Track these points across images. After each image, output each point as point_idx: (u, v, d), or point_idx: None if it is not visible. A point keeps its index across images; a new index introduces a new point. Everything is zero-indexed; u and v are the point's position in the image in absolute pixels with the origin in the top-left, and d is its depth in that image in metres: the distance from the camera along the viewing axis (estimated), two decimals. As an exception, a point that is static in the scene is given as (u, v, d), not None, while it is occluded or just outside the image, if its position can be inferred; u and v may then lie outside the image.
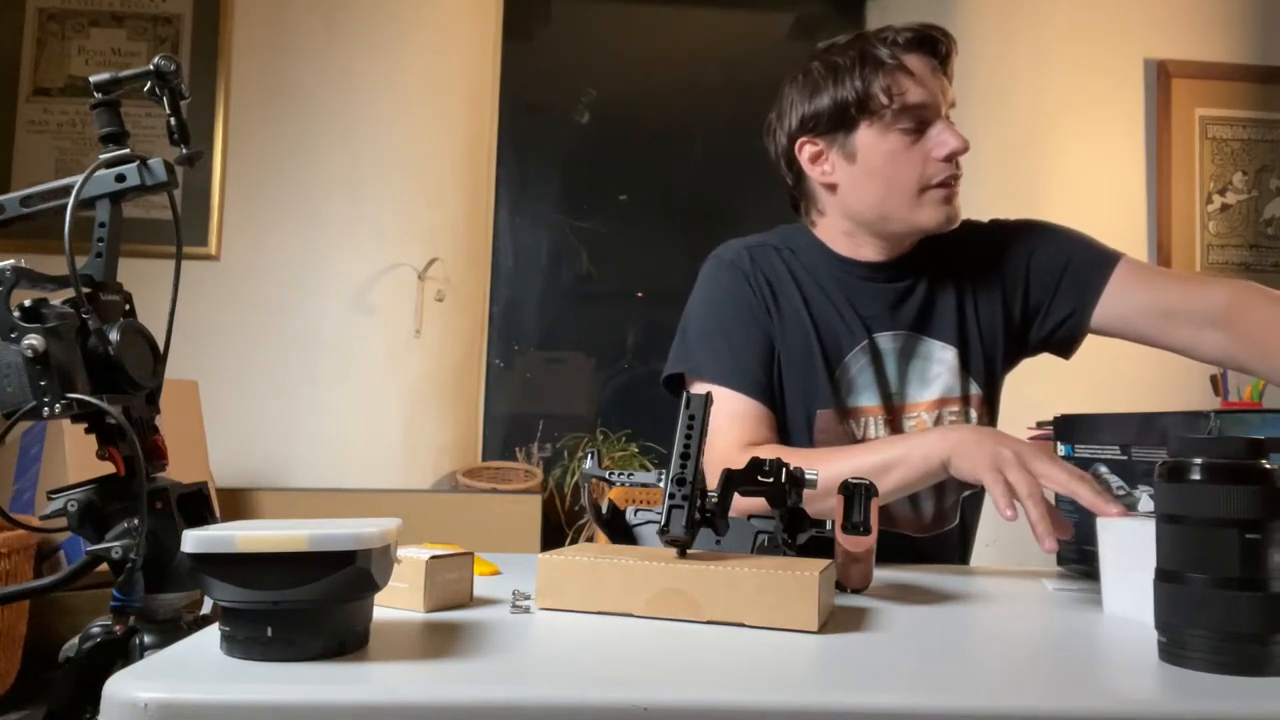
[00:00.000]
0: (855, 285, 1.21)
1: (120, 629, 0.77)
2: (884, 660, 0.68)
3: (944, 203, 1.15)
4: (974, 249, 1.25)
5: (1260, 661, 0.62)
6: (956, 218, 1.17)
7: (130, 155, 0.82)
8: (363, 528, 0.63)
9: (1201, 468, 0.64)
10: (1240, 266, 2.90)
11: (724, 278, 1.21)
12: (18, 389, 0.73)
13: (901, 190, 1.14)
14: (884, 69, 1.12)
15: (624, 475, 0.91)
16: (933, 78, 1.13)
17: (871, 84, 1.12)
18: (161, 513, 0.79)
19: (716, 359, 1.17)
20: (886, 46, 1.12)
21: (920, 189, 1.14)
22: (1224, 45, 2.93)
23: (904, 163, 1.13)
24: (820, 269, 1.22)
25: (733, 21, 3.16)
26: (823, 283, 1.21)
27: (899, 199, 1.15)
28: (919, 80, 1.12)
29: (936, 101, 1.13)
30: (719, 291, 1.21)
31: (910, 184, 1.14)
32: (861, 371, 1.19)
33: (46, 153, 2.69)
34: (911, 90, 1.12)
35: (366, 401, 2.68)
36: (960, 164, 1.15)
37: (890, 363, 1.21)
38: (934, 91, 1.13)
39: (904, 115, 1.12)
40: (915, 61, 1.12)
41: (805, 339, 1.18)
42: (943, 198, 1.14)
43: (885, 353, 1.20)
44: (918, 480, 1.04)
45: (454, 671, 0.62)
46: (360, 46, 2.74)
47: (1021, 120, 2.85)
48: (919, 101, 1.12)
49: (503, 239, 3.04)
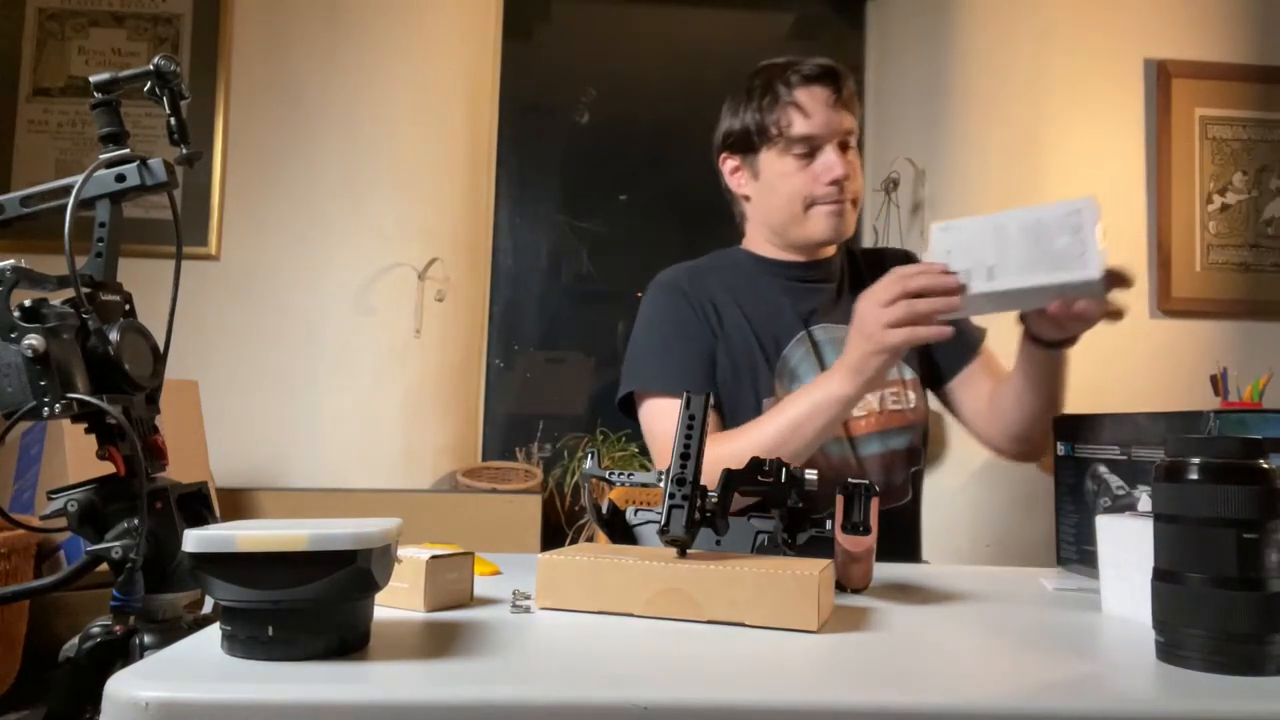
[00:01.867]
0: (790, 286, 1.36)
1: (120, 629, 0.77)
2: (884, 660, 0.68)
3: (829, 217, 1.30)
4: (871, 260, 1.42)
5: (1257, 661, 0.62)
6: (844, 231, 1.32)
7: (130, 155, 0.82)
8: (363, 527, 0.63)
9: (1199, 467, 0.65)
10: (1240, 266, 2.90)
11: (664, 301, 1.35)
12: (18, 389, 0.73)
13: (793, 206, 1.31)
14: (779, 103, 1.28)
15: (624, 475, 0.91)
16: (824, 109, 1.27)
17: (767, 116, 1.29)
18: (161, 513, 0.79)
19: (663, 374, 1.30)
20: (784, 82, 1.28)
21: (808, 205, 1.30)
22: (1224, 45, 2.93)
23: (794, 183, 1.30)
24: (755, 277, 1.37)
25: (733, 21, 3.16)
26: (759, 288, 1.35)
27: (792, 213, 1.31)
28: (808, 113, 1.27)
29: (826, 131, 1.28)
30: (660, 314, 1.35)
31: (798, 202, 1.30)
32: (802, 360, 1.30)
33: (46, 153, 2.69)
34: (798, 122, 1.28)
35: (366, 401, 2.68)
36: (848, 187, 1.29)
37: (829, 351, 1.32)
38: (823, 123, 1.28)
39: (794, 143, 1.28)
40: (808, 95, 1.28)
41: (746, 341, 1.31)
42: (828, 213, 1.30)
43: (823, 342, 1.33)
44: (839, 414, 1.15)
45: (454, 671, 0.62)
46: (360, 46, 2.74)
47: (1021, 120, 2.85)
48: (805, 133, 1.27)
49: (503, 239, 3.04)
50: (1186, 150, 2.90)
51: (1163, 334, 2.86)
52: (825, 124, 1.27)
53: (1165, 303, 2.85)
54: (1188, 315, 2.87)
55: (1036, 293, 1.01)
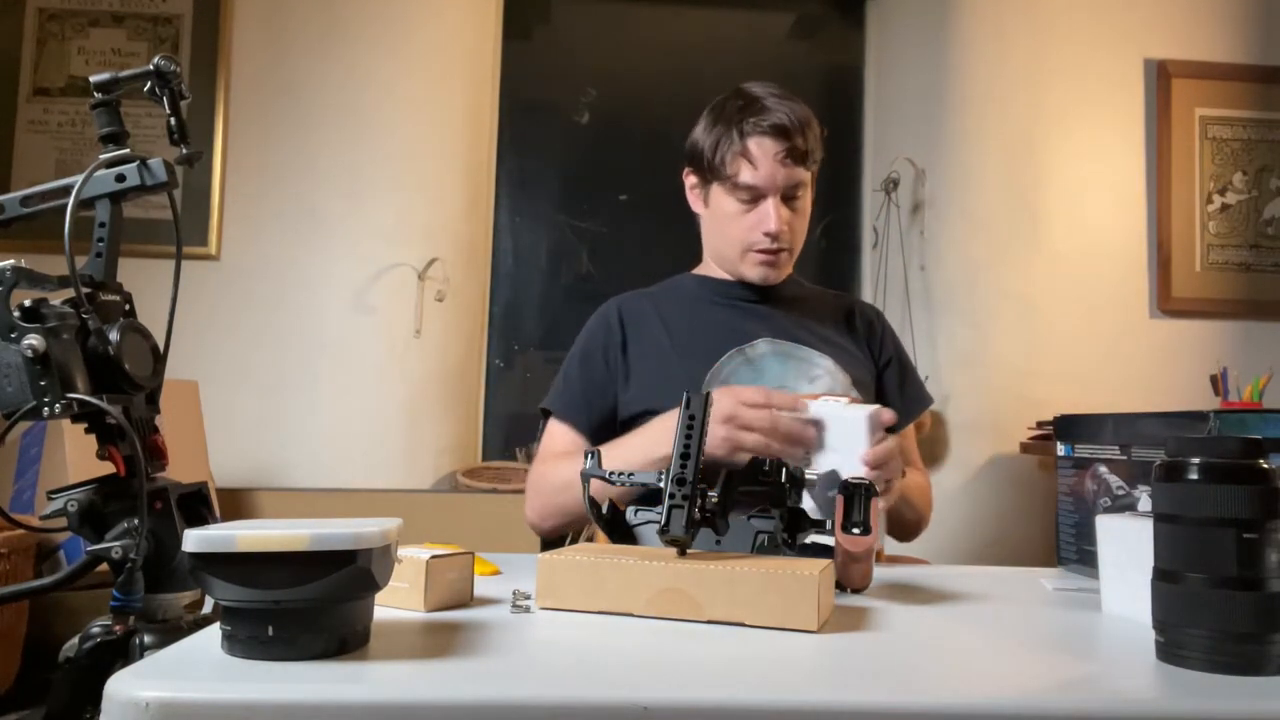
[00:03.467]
0: (734, 305, 1.38)
1: (120, 629, 0.77)
2: (884, 660, 0.68)
3: (761, 265, 1.33)
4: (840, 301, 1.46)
5: (1257, 661, 0.62)
6: (774, 279, 1.35)
7: (130, 155, 0.82)
8: (363, 527, 0.63)
9: (1198, 467, 0.65)
10: (1240, 266, 2.90)
11: (589, 328, 1.41)
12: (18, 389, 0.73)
13: (731, 245, 1.34)
14: (732, 146, 1.29)
15: (624, 475, 0.91)
16: (771, 163, 1.28)
17: (720, 155, 1.31)
18: (161, 513, 0.79)
19: (557, 394, 1.38)
20: (740, 126, 1.29)
21: (744, 250, 1.33)
22: (1224, 45, 2.93)
23: (735, 225, 1.32)
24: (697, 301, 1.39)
25: (733, 21, 3.16)
26: (697, 311, 1.38)
27: (729, 251, 1.35)
28: (756, 163, 1.28)
29: (770, 184, 1.28)
30: (580, 340, 1.41)
31: (737, 243, 1.33)
32: (734, 373, 1.30)
33: (46, 153, 2.69)
34: (744, 171, 1.29)
35: (366, 401, 2.68)
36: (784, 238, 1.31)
37: (770, 362, 1.31)
38: (768, 176, 1.28)
39: (739, 189, 1.30)
40: (758, 146, 1.28)
41: (667, 363, 1.32)
42: (760, 261, 1.33)
43: (763, 355, 1.31)
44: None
45: (454, 671, 0.62)
46: (360, 46, 2.74)
47: (1021, 120, 2.85)
48: (750, 183, 1.29)
49: (503, 239, 3.04)
50: (1186, 150, 2.90)
51: (1163, 334, 2.86)
52: (769, 178, 1.28)
53: (1165, 303, 2.85)
54: (1188, 315, 2.87)
55: None
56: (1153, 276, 2.87)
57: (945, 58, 2.89)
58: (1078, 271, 2.83)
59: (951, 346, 2.83)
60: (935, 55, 2.91)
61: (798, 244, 1.35)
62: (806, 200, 1.35)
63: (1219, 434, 0.87)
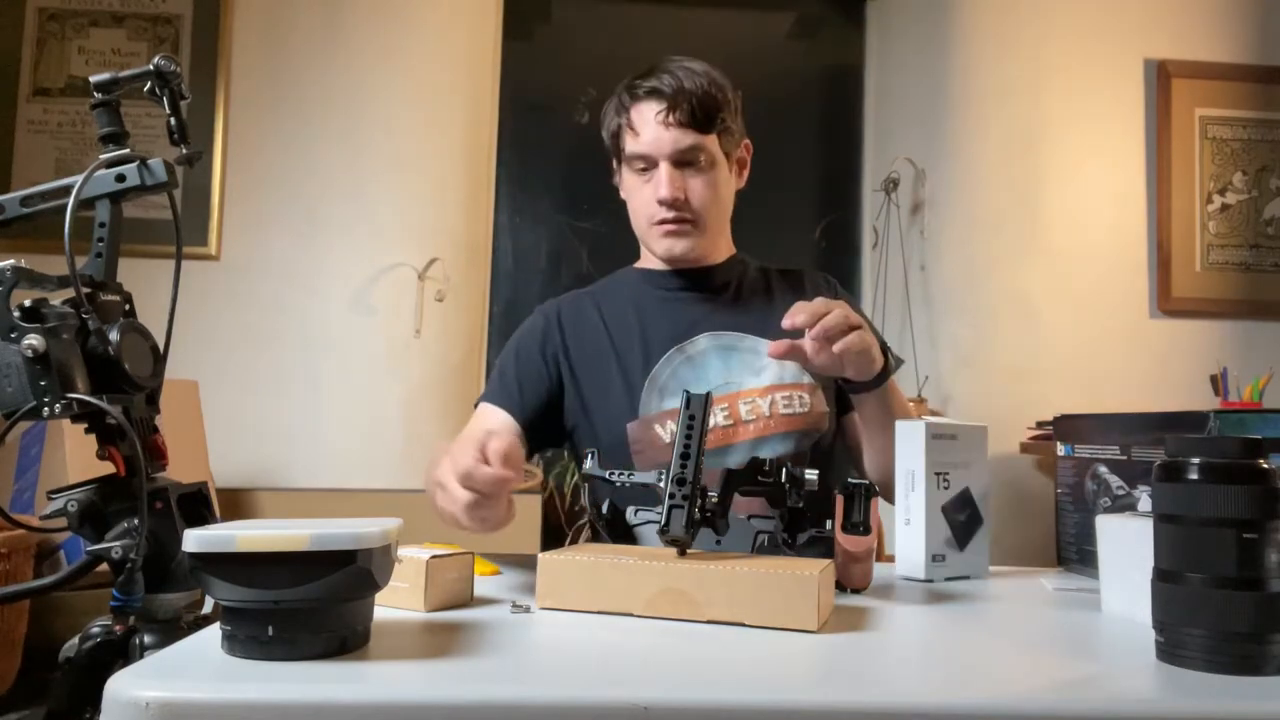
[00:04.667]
0: (670, 297, 1.31)
1: (120, 629, 0.77)
2: (884, 660, 0.68)
3: (663, 237, 1.25)
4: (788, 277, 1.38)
5: (1257, 661, 0.62)
6: (679, 252, 1.27)
7: (130, 155, 0.82)
8: (363, 527, 0.63)
9: (1198, 467, 0.65)
10: (1240, 266, 2.90)
11: (527, 325, 1.35)
12: (18, 389, 0.73)
13: (639, 220, 1.28)
14: (621, 116, 1.25)
15: (624, 475, 0.91)
16: (658, 127, 1.21)
17: (613, 127, 1.26)
18: (161, 513, 0.79)
19: (491, 386, 1.31)
20: (623, 96, 1.24)
21: (648, 224, 1.26)
22: (1224, 45, 2.93)
23: (637, 198, 1.27)
24: (637, 295, 1.33)
25: (733, 21, 3.16)
26: (637, 307, 1.31)
27: (639, 227, 1.29)
28: (639, 129, 1.22)
29: (655, 148, 1.21)
30: (518, 336, 1.35)
31: (642, 217, 1.27)
32: (672, 376, 1.24)
33: (46, 153, 2.69)
34: (629, 139, 1.23)
35: (366, 401, 2.68)
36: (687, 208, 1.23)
37: (712, 358, 1.26)
38: (655, 140, 1.21)
39: (633, 159, 1.24)
40: (642, 111, 1.22)
41: (606, 366, 1.27)
42: (662, 233, 1.25)
43: (704, 351, 1.26)
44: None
45: (454, 671, 0.62)
46: (360, 47, 2.74)
47: (1021, 120, 2.85)
48: (636, 151, 1.23)
49: (503, 239, 3.04)
50: (1186, 150, 2.90)
51: (1163, 334, 2.86)
52: (654, 142, 1.20)
53: (1165, 303, 2.85)
54: (1188, 315, 2.87)
55: None
56: (1153, 276, 2.87)
57: (945, 58, 2.89)
58: (1078, 271, 2.83)
59: (951, 346, 2.83)
60: (935, 55, 2.91)
61: (705, 214, 1.25)
62: (717, 171, 1.24)
63: (1219, 434, 0.87)
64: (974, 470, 1.07)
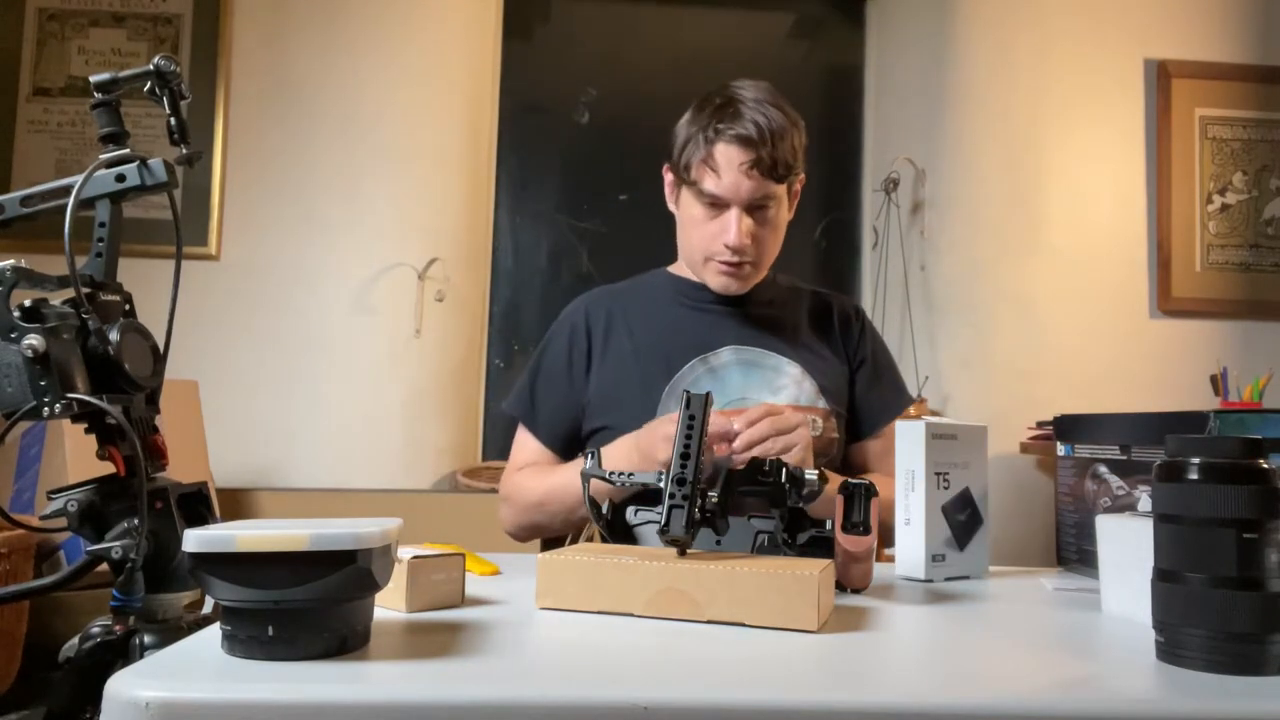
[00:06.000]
0: (703, 309, 1.33)
1: (120, 629, 0.77)
2: (884, 660, 0.68)
3: (721, 275, 1.28)
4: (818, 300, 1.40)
5: (1257, 661, 0.62)
6: (735, 290, 1.30)
7: (130, 155, 0.82)
8: (363, 527, 0.63)
9: (1199, 467, 0.65)
10: (1240, 266, 2.90)
11: (555, 331, 1.39)
12: (18, 389, 0.73)
13: (695, 251, 1.29)
14: (698, 152, 1.24)
15: (624, 475, 0.91)
16: (736, 172, 1.22)
17: (687, 158, 1.26)
18: (161, 513, 0.79)
19: (521, 401, 1.37)
20: (710, 131, 1.23)
21: (705, 258, 1.28)
22: (1224, 45, 2.93)
23: (699, 231, 1.27)
24: (666, 301, 1.36)
25: (733, 21, 3.16)
26: (665, 313, 1.34)
27: (693, 257, 1.31)
28: (720, 172, 1.22)
29: (733, 194, 1.23)
30: (547, 344, 1.39)
31: (700, 250, 1.28)
32: (695, 382, 1.27)
33: (46, 153, 2.69)
34: (708, 179, 1.23)
35: (366, 401, 2.68)
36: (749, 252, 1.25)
37: (733, 372, 1.28)
38: (733, 185, 1.22)
39: (703, 195, 1.25)
40: (725, 154, 1.22)
41: (628, 369, 1.30)
42: (720, 270, 1.28)
43: (726, 364, 1.28)
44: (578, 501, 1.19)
45: (454, 671, 0.62)
46: (360, 46, 2.74)
47: (1021, 120, 2.85)
48: (713, 192, 1.23)
49: (503, 239, 3.04)
50: (1186, 150, 2.90)
51: (1163, 334, 2.86)
52: (733, 188, 1.22)
53: (1165, 303, 2.85)
54: (1188, 315, 2.87)
55: None
56: (1153, 276, 2.87)
57: (945, 58, 2.89)
58: (1078, 271, 2.83)
59: (951, 346, 2.83)
60: (935, 55, 2.91)
61: (765, 257, 1.29)
62: (780, 213, 1.28)
63: (1219, 434, 0.87)
64: (974, 470, 1.08)
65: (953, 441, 1.06)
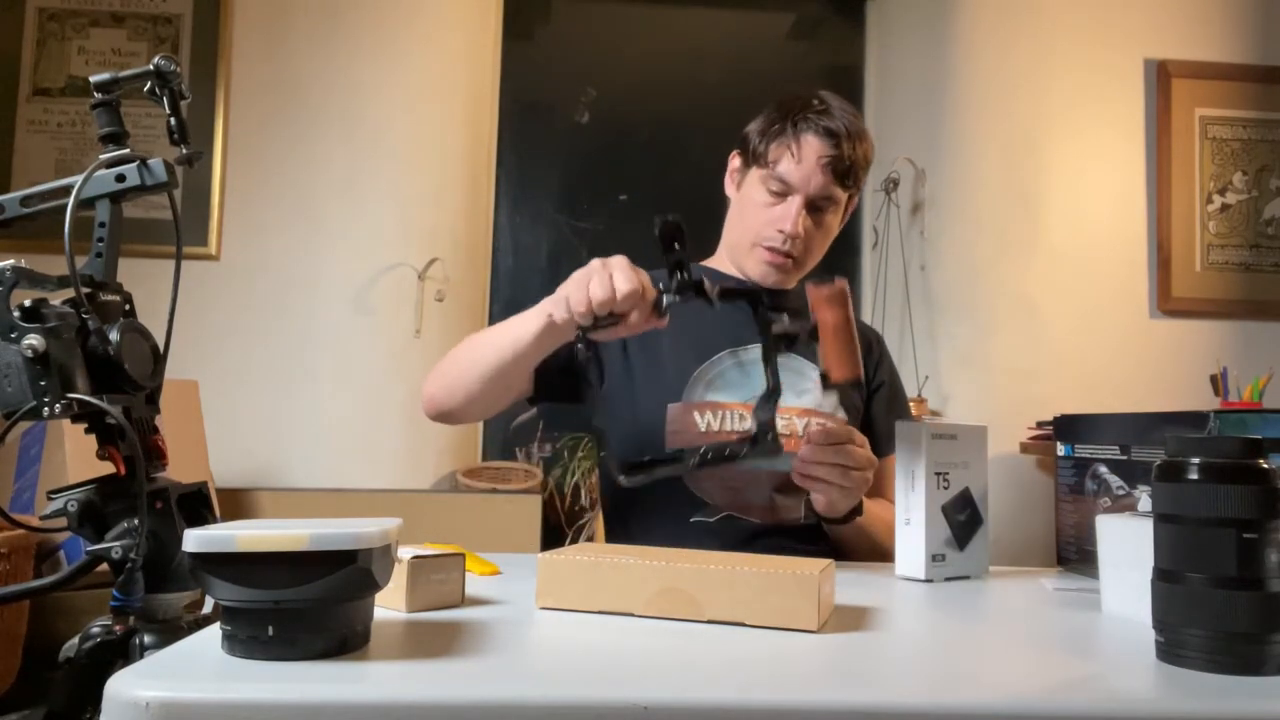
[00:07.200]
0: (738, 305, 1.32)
1: (120, 629, 0.77)
2: (884, 660, 0.68)
3: (766, 263, 1.30)
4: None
5: (1257, 661, 0.62)
6: (772, 281, 1.31)
7: (130, 155, 0.82)
8: (363, 527, 0.63)
9: (1198, 467, 0.65)
10: (1240, 266, 2.90)
11: None
12: (18, 389, 0.73)
13: (745, 234, 1.32)
14: (783, 136, 1.26)
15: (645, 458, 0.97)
16: (813, 164, 1.25)
17: (768, 141, 1.28)
18: (161, 513, 0.79)
19: None
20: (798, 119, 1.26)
21: (754, 242, 1.30)
22: (1224, 45, 2.93)
23: (756, 215, 1.30)
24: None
25: (733, 21, 3.16)
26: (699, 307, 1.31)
27: (742, 239, 1.33)
28: (797, 159, 1.25)
29: (803, 183, 1.26)
30: None
31: (750, 233, 1.31)
32: (722, 374, 1.29)
33: (46, 153, 2.69)
34: (785, 161, 1.26)
35: (366, 401, 2.68)
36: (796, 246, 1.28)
37: (753, 370, 1.29)
38: (807, 174, 1.25)
39: (772, 177, 1.27)
40: (809, 143, 1.26)
41: (659, 352, 1.31)
42: (766, 259, 1.30)
43: (756, 360, 1.28)
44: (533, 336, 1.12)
45: (454, 671, 0.62)
46: (360, 47, 2.74)
47: (1021, 120, 2.85)
48: (786, 176, 1.26)
49: (503, 239, 3.04)
50: (1186, 150, 2.90)
51: (1163, 334, 2.86)
52: (805, 177, 1.25)
53: (1165, 303, 2.85)
54: (1188, 315, 2.87)
55: None
56: (1153, 276, 2.87)
57: (945, 58, 2.89)
58: (1078, 271, 2.83)
59: (951, 346, 2.83)
60: (935, 55, 2.91)
61: (810, 257, 1.32)
62: (834, 219, 1.31)
63: (1219, 434, 0.87)
64: (974, 470, 1.08)
65: (953, 441, 1.06)
